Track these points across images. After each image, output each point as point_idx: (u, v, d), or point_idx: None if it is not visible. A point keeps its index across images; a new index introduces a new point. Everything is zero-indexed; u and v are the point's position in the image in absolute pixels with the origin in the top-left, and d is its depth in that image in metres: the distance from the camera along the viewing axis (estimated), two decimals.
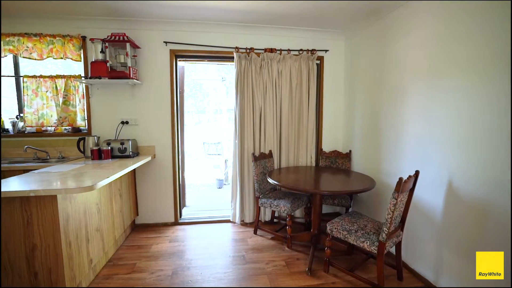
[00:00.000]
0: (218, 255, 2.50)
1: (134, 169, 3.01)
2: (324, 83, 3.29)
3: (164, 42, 2.88)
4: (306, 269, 2.22)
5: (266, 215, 3.28)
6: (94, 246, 2.09)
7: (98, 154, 2.60)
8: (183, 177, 3.57)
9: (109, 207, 2.36)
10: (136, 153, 2.86)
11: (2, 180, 1.87)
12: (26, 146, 2.62)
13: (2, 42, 2.64)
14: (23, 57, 2.71)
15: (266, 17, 2.76)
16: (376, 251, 1.82)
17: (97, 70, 2.58)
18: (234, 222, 3.26)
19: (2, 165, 2.43)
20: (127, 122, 2.93)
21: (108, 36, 2.57)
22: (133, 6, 2.49)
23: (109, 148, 2.64)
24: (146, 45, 2.88)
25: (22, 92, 2.75)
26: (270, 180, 2.52)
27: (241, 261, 2.40)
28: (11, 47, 2.66)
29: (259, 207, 2.91)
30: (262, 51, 3.04)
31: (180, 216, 3.31)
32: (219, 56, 3.07)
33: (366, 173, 2.83)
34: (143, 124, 2.99)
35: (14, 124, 2.80)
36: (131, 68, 2.64)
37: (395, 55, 2.38)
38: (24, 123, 2.77)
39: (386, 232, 1.75)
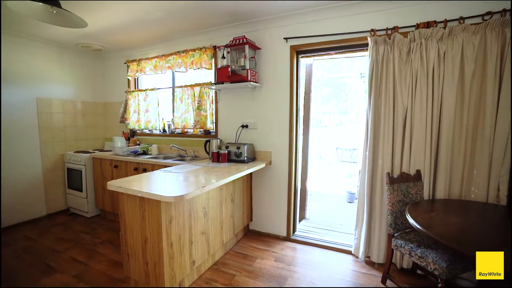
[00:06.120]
0: None
1: (251, 174, 2.96)
2: None
3: (284, 38, 2.61)
4: None
5: (404, 260, 2.33)
6: (198, 248, 2.12)
7: (217, 157, 2.72)
8: (304, 187, 3.22)
9: (218, 211, 2.37)
10: (251, 158, 2.78)
11: (140, 175, 2.24)
12: (171, 145, 3.16)
13: (164, 62, 3.31)
14: (175, 71, 3.29)
15: None
16: None
17: (220, 76, 2.68)
18: (357, 257, 2.53)
19: (157, 160, 3.01)
20: (246, 126, 2.92)
21: (230, 41, 2.61)
22: (251, 7, 2.39)
23: (226, 152, 2.70)
24: (266, 45, 2.73)
25: (173, 100, 3.34)
26: (410, 220, 1.67)
27: None
28: (169, 65, 3.28)
29: (392, 248, 2.06)
30: (412, 29, 2.14)
31: (294, 231, 2.96)
32: (349, 45, 2.45)
33: None
34: (262, 128, 2.87)
35: (169, 126, 3.47)
36: (249, 71, 2.56)
37: None
38: (174, 125, 3.37)
39: None
